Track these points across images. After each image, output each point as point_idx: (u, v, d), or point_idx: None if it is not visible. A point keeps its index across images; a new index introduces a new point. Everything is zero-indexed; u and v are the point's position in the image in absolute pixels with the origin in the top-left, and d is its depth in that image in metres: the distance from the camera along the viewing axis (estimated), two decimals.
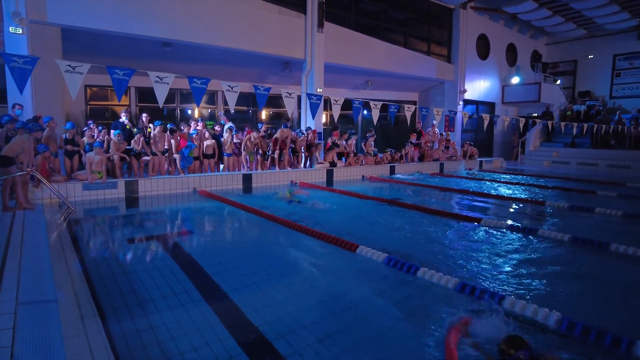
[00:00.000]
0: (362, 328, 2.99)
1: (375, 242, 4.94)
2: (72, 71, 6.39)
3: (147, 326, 2.91)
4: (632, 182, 11.32)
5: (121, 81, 6.82)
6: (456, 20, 17.42)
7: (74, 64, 6.45)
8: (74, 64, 6.46)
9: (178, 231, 6.08)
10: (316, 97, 9.21)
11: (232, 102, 8.07)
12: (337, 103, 8.95)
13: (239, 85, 8.04)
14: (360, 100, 9.85)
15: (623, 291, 3.83)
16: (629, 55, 19.93)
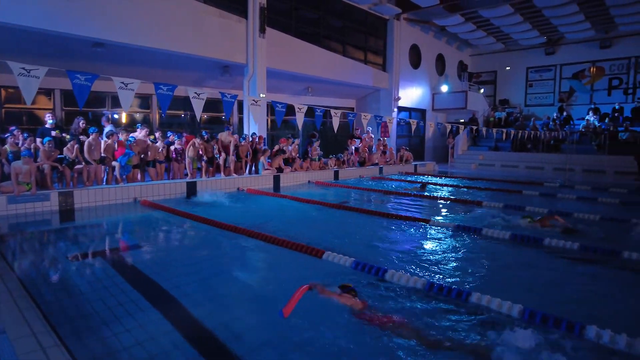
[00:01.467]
0: (340, 338, 3.03)
1: (339, 247, 5.03)
2: (27, 75, 5.76)
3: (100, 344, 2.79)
4: (547, 182, 12.61)
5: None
6: (390, 30, 18.23)
7: (29, 67, 5.81)
8: (28, 66, 5.82)
9: (121, 244, 5.71)
10: (281, 104, 9.11)
11: (199, 109, 7.76)
12: (300, 111, 8.96)
13: (206, 93, 7.76)
14: (322, 109, 9.92)
15: (554, 283, 4.25)
16: (539, 68, 22.16)
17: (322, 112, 9.73)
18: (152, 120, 13.98)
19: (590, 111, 19.21)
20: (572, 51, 21.07)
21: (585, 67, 20.62)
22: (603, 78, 20.26)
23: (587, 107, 19.75)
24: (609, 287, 4.18)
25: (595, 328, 2.93)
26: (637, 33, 19.13)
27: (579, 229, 6.30)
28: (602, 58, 20.31)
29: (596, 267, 4.74)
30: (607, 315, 3.40)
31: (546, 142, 18.44)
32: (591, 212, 7.50)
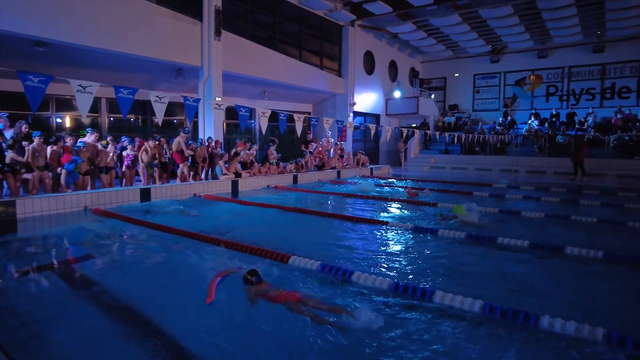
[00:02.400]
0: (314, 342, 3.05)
1: (304, 250, 5.04)
2: None
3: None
4: (495, 183, 13.32)
5: None
6: (345, 36, 18.54)
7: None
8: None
9: (70, 255, 5.38)
10: (245, 109, 8.95)
11: (161, 113, 7.46)
12: (264, 115, 8.85)
13: (168, 96, 7.48)
14: (285, 113, 9.86)
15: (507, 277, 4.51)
16: (485, 75, 23.38)
17: (285, 117, 9.72)
18: (101, 125, 13.33)
19: (532, 116, 20.51)
20: (515, 60, 22.42)
21: (526, 74, 21.98)
22: (542, 85, 21.70)
23: (529, 112, 21.07)
24: (556, 278, 4.48)
25: (548, 318, 3.15)
26: (569, 45, 20.69)
27: (525, 226, 6.70)
28: (540, 67, 21.76)
29: (544, 261, 5.06)
30: (556, 305, 3.65)
31: (493, 145, 19.47)
32: (535, 210, 8.02)
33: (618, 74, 20.04)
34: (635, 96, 19.63)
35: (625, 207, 8.92)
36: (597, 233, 6.59)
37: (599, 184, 13.76)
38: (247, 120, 9.11)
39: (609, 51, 20.07)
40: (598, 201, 9.65)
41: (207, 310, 3.44)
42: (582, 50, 20.71)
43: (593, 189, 11.85)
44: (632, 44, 19.46)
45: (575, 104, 20.85)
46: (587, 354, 2.83)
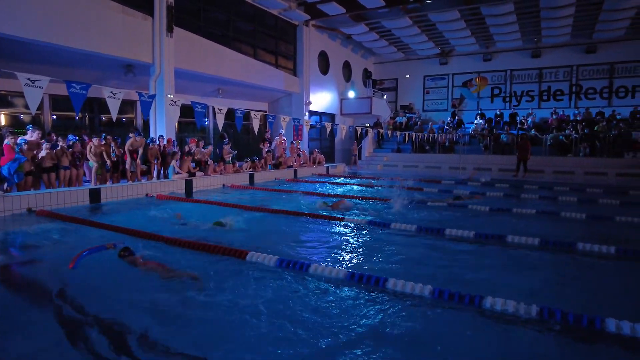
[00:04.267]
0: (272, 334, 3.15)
1: (261, 247, 5.11)
2: None
3: None
4: (445, 180, 13.96)
5: None
6: (300, 36, 18.67)
7: None
8: None
9: (11, 260, 5.13)
10: (201, 105, 8.77)
11: (115, 110, 7.16)
12: (220, 112, 8.72)
13: (122, 92, 7.20)
14: (242, 110, 9.77)
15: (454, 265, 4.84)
16: (434, 77, 24.34)
17: (242, 114, 9.64)
18: (43, 122, 12.63)
19: (478, 116, 21.62)
20: (462, 62, 23.52)
21: (473, 77, 23.13)
22: (487, 87, 22.93)
23: (475, 113, 22.18)
24: (497, 264, 4.85)
25: (491, 298, 3.44)
26: (510, 50, 22.01)
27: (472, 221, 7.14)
28: (485, 69, 22.97)
29: (486, 248, 5.45)
30: (498, 287, 3.96)
31: (442, 144, 20.34)
32: (481, 204, 8.54)
33: (553, 77, 21.57)
34: (567, 98, 21.21)
35: (559, 199, 9.70)
36: (534, 223, 7.15)
37: (538, 179, 14.79)
38: (203, 118, 8.93)
39: (545, 56, 21.55)
40: (536, 195, 10.42)
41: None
42: (522, 54, 22.08)
43: (532, 184, 12.73)
44: (565, 51, 21.03)
45: (517, 105, 22.20)
46: (523, 327, 3.14)
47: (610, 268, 4.84)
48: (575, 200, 9.68)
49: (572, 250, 5.32)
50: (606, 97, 20.50)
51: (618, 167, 15.84)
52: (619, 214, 7.55)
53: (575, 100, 21.05)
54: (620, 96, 20.22)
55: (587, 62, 20.78)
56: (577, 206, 8.84)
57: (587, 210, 7.99)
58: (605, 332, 3.05)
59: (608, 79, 20.44)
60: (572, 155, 17.53)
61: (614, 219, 7.31)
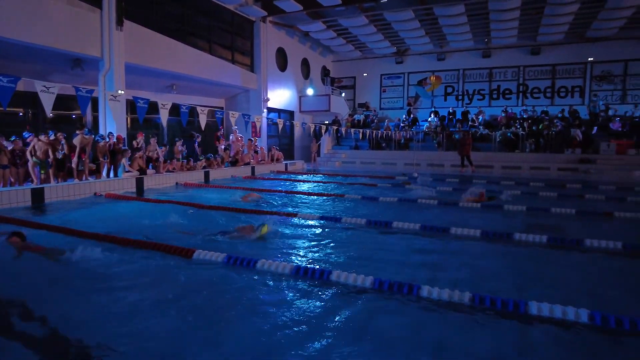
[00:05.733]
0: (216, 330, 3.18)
1: (211, 245, 5.10)
2: None
3: None
4: (399, 176, 14.36)
5: None
6: (257, 32, 18.53)
7: None
8: None
9: None
10: (143, 101, 8.44)
11: (48, 105, 6.79)
12: (164, 107, 8.48)
13: (57, 86, 6.85)
14: (187, 106, 9.52)
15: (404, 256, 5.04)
16: (390, 75, 24.87)
17: (187, 109, 9.42)
18: None
19: (432, 114, 22.32)
20: (417, 61, 24.15)
21: (427, 75, 23.82)
22: (441, 86, 23.68)
23: (429, 111, 22.88)
24: (442, 256, 5.08)
25: (428, 287, 3.62)
26: (463, 50, 22.85)
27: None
28: (439, 69, 23.72)
29: (433, 240, 5.69)
30: (441, 276, 4.17)
31: (397, 141, 20.86)
32: (430, 198, 8.88)
33: (502, 77, 22.61)
34: (515, 97, 22.31)
35: (504, 193, 10.21)
36: (478, 215, 7.53)
37: (487, 174, 15.50)
38: (145, 113, 8.61)
39: (495, 57, 22.54)
40: (483, 189, 10.92)
41: None
42: (473, 55, 22.98)
43: (481, 179, 13.34)
44: (512, 52, 22.09)
45: (469, 103, 23.09)
46: (458, 313, 3.34)
47: (543, 256, 5.18)
48: (519, 193, 10.25)
49: (510, 240, 5.66)
50: (549, 97, 21.73)
51: (559, 162, 16.88)
52: (555, 206, 8.08)
53: (522, 99, 22.16)
54: (562, 96, 21.50)
55: (532, 63, 21.92)
56: (520, 199, 9.35)
57: (527, 203, 8.49)
58: (529, 315, 3.29)
59: (550, 79, 21.68)
60: (519, 151, 18.49)
61: (550, 210, 7.82)
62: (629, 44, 19.95)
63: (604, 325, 3.10)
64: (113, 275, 4.16)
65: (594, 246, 5.32)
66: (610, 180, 13.35)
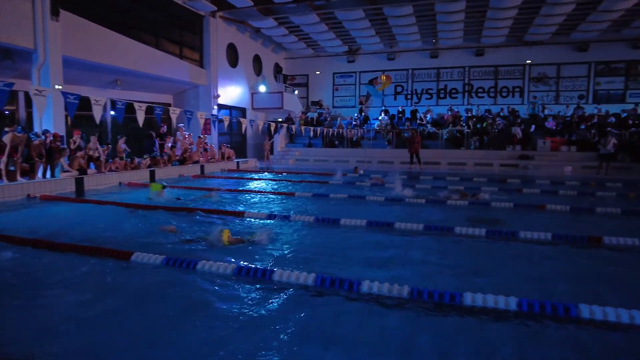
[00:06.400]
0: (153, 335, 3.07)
1: (152, 247, 4.91)
2: None
3: None
4: (349, 173, 14.56)
5: None
6: (206, 27, 18.07)
7: None
8: None
9: None
10: (73, 96, 7.88)
11: None
12: (97, 103, 8.00)
13: None
14: (123, 102, 9.04)
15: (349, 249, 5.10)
16: (343, 74, 25.14)
17: (124, 105, 8.95)
18: None
19: (382, 112, 22.80)
20: (368, 61, 24.56)
21: (378, 74, 24.28)
22: (391, 85, 24.23)
23: (380, 109, 23.36)
24: (383, 248, 5.19)
25: (367, 282, 3.68)
26: (412, 50, 23.50)
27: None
28: (389, 68, 24.25)
29: (378, 235, 5.81)
30: (379, 272, 4.25)
31: (350, 139, 21.13)
32: (377, 195, 9.08)
33: (449, 77, 23.49)
34: (461, 96, 23.26)
35: (448, 188, 10.63)
36: (422, 210, 7.79)
37: (434, 171, 16.05)
38: (75, 110, 8.08)
39: (442, 57, 23.37)
40: (429, 184, 11.32)
41: None
42: (422, 55, 23.70)
43: (428, 175, 13.79)
44: (458, 53, 23.00)
45: (417, 102, 23.80)
46: (396, 307, 3.42)
47: (481, 247, 5.43)
48: (462, 188, 10.68)
49: (451, 234, 5.89)
50: (492, 96, 22.84)
51: (501, 159, 17.81)
52: (495, 200, 8.51)
53: (467, 98, 23.14)
54: (504, 95, 22.67)
55: (476, 64, 22.94)
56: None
57: (471, 198, 8.88)
58: (464, 306, 3.43)
59: (493, 79, 22.80)
60: (464, 148, 19.29)
61: (490, 204, 8.22)
62: (561, 48, 21.39)
63: (530, 311, 3.29)
64: (43, 283, 3.91)
65: (527, 237, 5.64)
66: (546, 175, 14.25)
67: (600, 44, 20.79)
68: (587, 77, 21.50)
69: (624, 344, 2.96)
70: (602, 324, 3.14)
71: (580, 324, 3.17)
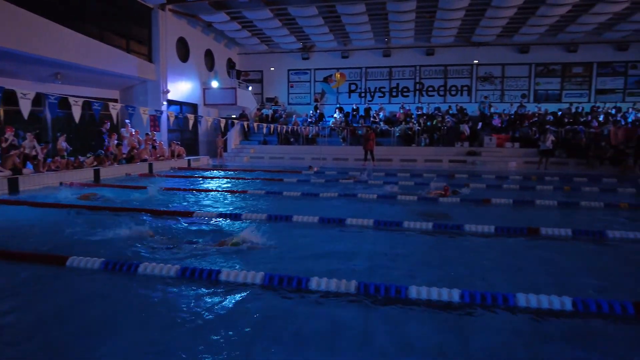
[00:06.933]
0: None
1: (90, 250, 4.64)
2: None
3: None
4: (305, 170, 14.57)
5: None
6: (155, 20, 17.37)
7: None
8: None
9: None
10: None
11: None
12: (25, 97, 7.41)
13: None
14: (56, 96, 8.45)
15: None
16: (297, 71, 25.05)
17: (57, 100, 8.39)
18: None
19: (337, 110, 22.96)
20: (323, 58, 24.61)
21: (332, 72, 24.41)
22: (345, 83, 24.43)
23: (335, 107, 23.51)
24: (336, 242, 5.21)
25: (316, 279, 3.67)
26: (365, 48, 23.80)
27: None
28: (344, 66, 24.43)
29: (329, 231, 5.82)
30: (329, 268, 4.26)
31: (305, 136, 21.13)
32: (331, 191, 9.13)
33: (401, 75, 24.02)
34: (412, 95, 23.88)
35: (399, 184, 10.89)
36: (374, 206, 7.91)
37: (387, 167, 16.38)
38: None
39: (394, 56, 23.85)
40: (381, 180, 11.53)
41: None
42: (375, 53, 24.06)
43: (380, 172, 14.05)
44: (410, 52, 23.56)
45: (371, 100, 24.16)
46: (345, 302, 3.43)
47: (429, 241, 5.58)
48: (412, 184, 10.97)
49: (400, 229, 6.01)
50: (442, 95, 23.62)
51: (450, 155, 18.47)
52: (443, 196, 8.79)
53: (418, 96, 23.78)
54: (452, 94, 23.51)
55: (427, 63, 23.61)
56: (412, 189, 9.99)
57: (418, 193, 9.12)
58: (409, 299, 3.50)
59: (443, 78, 23.57)
60: (415, 145, 19.83)
61: (438, 200, 8.48)
62: (505, 49, 22.48)
63: (472, 302, 3.41)
64: None
65: (471, 230, 5.87)
66: (491, 170, 14.95)
67: (539, 46, 22.05)
68: (528, 77, 22.73)
69: (555, 328, 3.13)
70: (536, 311, 3.30)
71: (517, 312, 3.31)
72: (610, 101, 21.53)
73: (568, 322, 3.20)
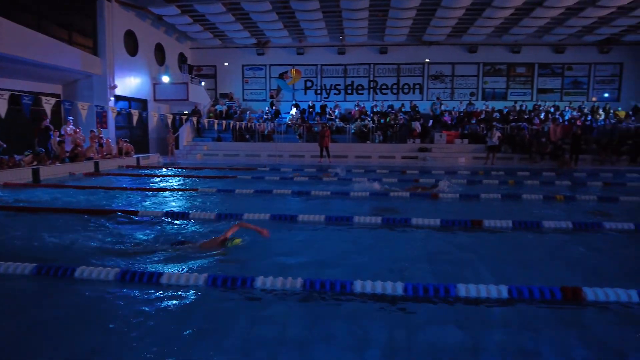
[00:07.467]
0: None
1: (20, 254, 4.35)
2: None
3: None
4: (261, 167, 14.43)
5: None
6: (101, 11, 16.51)
7: None
8: None
9: None
10: None
11: None
12: None
13: None
14: None
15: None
16: (252, 66, 24.72)
17: (31, 100, 7.89)
18: None
19: (293, 107, 22.90)
20: (278, 54, 24.41)
21: (288, 69, 24.30)
22: (301, 79, 24.40)
23: (291, 104, 23.43)
24: (284, 243, 5.19)
25: (262, 278, 3.63)
26: (320, 45, 23.86)
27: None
28: (299, 63, 24.38)
29: (279, 229, 5.79)
30: (279, 265, 4.23)
31: (261, 133, 20.92)
32: (286, 188, 9.10)
33: (355, 73, 24.31)
34: (367, 92, 24.24)
35: (352, 180, 11.03)
36: (326, 202, 7.97)
37: (342, 163, 16.53)
38: None
39: (349, 54, 24.07)
40: (336, 177, 11.63)
41: None
42: (330, 51, 24.17)
43: (334, 169, 14.18)
44: (364, 50, 23.88)
45: (327, 97, 24.27)
46: (290, 300, 3.42)
47: (381, 236, 5.68)
48: (365, 180, 11.13)
49: (349, 224, 6.09)
50: (395, 93, 24.14)
51: (402, 151, 18.93)
52: (393, 191, 8.99)
53: (372, 94, 24.17)
54: (405, 92, 24.09)
55: (381, 62, 24.03)
56: (365, 185, 10.14)
57: (370, 189, 9.28)
58: (354, 293, 3.54)
59: (396, 77, 24.09)
60: (370, 142, 20.16)
61: (389, 194, 8.67)
62: (455, 49, 23.29)
63: (415, 295, 3.50)
64: None
65: (419, 224, 6.03)
66: (442, 166, 15.47)
67: (486, 47, 23.03)
68: (476, 76, 23.70)
69: (495, 317, 3.28)
70: (476, 300, 3.45)
71: (459, 302, 3.44)
72: (549, 100, 22.89)
73: (505, 309, 3.37)
